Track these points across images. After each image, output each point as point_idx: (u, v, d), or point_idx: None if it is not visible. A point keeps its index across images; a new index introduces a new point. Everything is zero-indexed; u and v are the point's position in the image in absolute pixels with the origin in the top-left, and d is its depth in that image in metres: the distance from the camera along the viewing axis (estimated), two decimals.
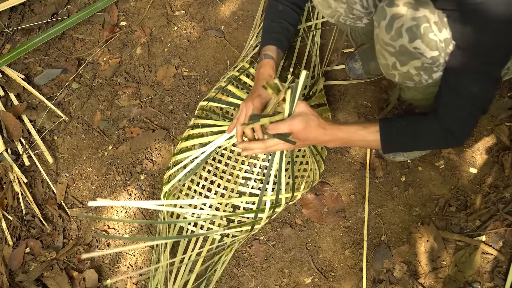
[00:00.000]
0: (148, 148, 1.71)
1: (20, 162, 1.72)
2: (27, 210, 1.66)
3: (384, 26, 1.07)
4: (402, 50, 1.08)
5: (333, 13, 1.25)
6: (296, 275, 1.47)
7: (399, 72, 1.15)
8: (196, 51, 1.84)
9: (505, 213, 1.42)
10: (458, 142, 1.12)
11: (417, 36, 1.04)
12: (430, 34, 1.03)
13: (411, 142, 1.15)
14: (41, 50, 1.93)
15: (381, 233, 1.49)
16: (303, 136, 1.09)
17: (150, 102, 1.78)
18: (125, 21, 1.95)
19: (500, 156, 1.50)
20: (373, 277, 1.44)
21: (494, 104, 1.56)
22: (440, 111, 1.09)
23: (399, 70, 1.14)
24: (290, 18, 1.32)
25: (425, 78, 1.13)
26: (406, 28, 1.04)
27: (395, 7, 1.04)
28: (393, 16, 1.05)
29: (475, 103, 1.05)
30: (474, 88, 1.04)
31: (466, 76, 1.04)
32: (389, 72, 1.18)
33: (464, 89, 1.05)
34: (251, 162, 1.61)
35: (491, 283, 1.37)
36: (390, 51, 1.10)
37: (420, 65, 1.10)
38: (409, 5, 1.03)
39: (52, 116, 1.80)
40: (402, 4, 1.04)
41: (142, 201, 1.09)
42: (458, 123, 1.08)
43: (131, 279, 1.55)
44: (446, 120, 1.08)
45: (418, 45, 1.05)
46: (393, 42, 1.07)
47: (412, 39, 1.04)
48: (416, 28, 1.03)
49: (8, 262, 1.58)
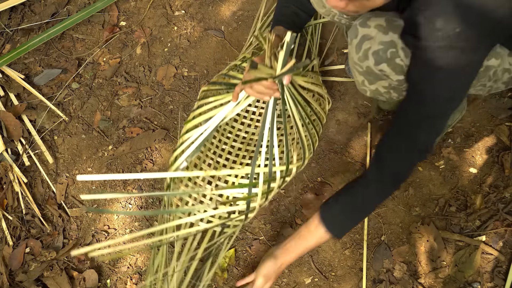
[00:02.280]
0: (148, 148, 1.71)
1: (20, 162, 1.73)
2: (27, 210, 1.66)
3: (354, 45, 1.09)
4: (368, 71, 1.10)
5: (328, 12, 1.26)
6: (296, 275, 1.47)
7: (370, 89, 1.17)
8: (196, 51, 1.84)
9: (505, 213, 1.42)
10: (393, 187, 1.12)
11: (383, 60, 1.05)
12: (397, 59, 1.04)
13: (358, 212, 1.16)
14: (41, 50, 1.93)
15: (381, 233, 1.49)
16: (268, 279, 1.27)
17: (150, 102, 1.78)
18: (125, 21, 1.95)
19: (500, 156, 1.50)
20: (373, 277, 1.44)
21: (494, 104, 1.56)
22: (378, 152, 1.10)
23: (369, 87, 1.16)
24: (302, 5, 1.31)
25: (395, 96, 1.14)
26: (373, 51, 1.05)
27: (366, 27, 1.06)
28: (364, 36, 1.06)
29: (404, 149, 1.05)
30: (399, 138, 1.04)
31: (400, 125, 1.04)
32: (360, 88, 1.21)
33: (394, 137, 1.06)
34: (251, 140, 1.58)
35: (491, 283, 1.37)
36: (359, 70, 1.13)
37: (387, 85, 1.12)
38: (380, 27, 1.04)
39: (52, 116, 1.80)
40: (374, 26, 1.05)
41: (144, 173, 1.05)
42: (395, 165, 1.07)
43: (131, 279, 1.55)
44: (372, 171, 1.10)
45: (384, 68, 1.06)
46: (361, 62, 1.10)
47: (377, 62, 1.06)
48: (382, 52, 1.04)
49: (8, 262, 1.58)
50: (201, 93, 1.44)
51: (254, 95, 1.13)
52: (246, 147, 1.59)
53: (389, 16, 1.06)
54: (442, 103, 0.98)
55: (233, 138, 1.59)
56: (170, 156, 1.24)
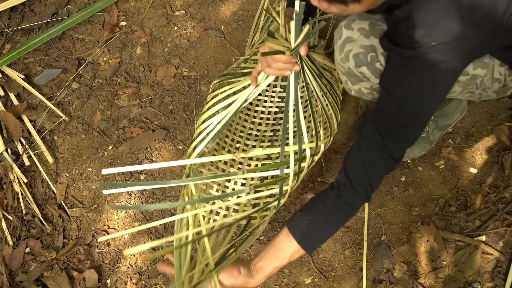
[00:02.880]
0: (148, 148, 1.71)
1: (20, 162, 1.73)
2: (27, 210, 1.66)
3: (338, 45, 1.10)
4: (350, 72, 1.11)
5: None
6: (296, 275, 1.47)
7: (353, 88, 1.18)
8: (196, 51, 1.84)
9: (505, 213, 1.42)
10: (363, 196, 1.05)
11: (363, 63, 1.06)
12: (376, 63, 1.05)
13: (326, 216, 1.06)
14: (41, 50, 1.93)
15: (381, 233, 1.49)
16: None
17: (150, 102, 1.78)
18: (125, 21, 1.95)
19: (500, 156, 1.50)
20: (373, 277, 1.44)
21: (494, 104, 1.56)
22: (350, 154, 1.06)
23: (352, 87, 1.17)
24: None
25: (377, 96, 1.14)
26: (354, 54, 1.06)
27: (350, 30, 1.07)
28: (347, 38, 1.07)
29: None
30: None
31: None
32: (345, 86, 1.21)
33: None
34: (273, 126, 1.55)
35: (491, 283, 1.37)
36: (341, 70, 1.14)
37: (369, 87, 1.13)
38: (363, 31, 1.05)
39: (52, 116, 1.80)
40: (357, 29, 1.06)
41: (166, 162, 1.02)
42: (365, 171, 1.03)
43: (131, 279, 1.55)
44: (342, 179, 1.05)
45: (364, 71, 1.07)
46: (342, 63, 1.11)
47: (358, 65, 1.07)
48: (363, 55, 1.05)
49: (8, 262, 1.58)
50: (212, 86, 1.41)
51: (274, 73, 1.10)
52: (263, 132, 1.56)
53: (374, 20, 1.07)
54: (411, 111, 0.97)
55: (249, 125, 1.56)
56: (188, 147, 1.11)
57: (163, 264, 1.10)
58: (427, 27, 0.87)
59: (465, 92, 1.16)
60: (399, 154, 1.03)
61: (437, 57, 0.88)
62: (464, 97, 1.20)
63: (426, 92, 0.95)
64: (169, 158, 1.68)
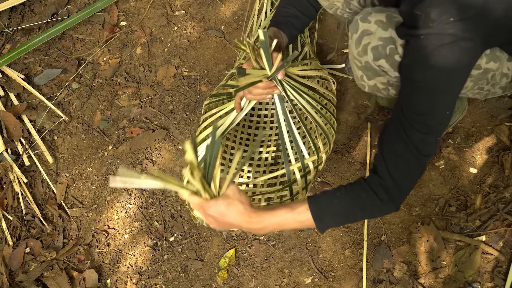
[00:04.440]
0: (148, 148, 1.71)
1: (20, 162, 1.73)
2: (27, 210, 1.66)
3: (354, 39, 1.08)
4: (367, 66, 1.09)
5: (331, 6, 1.26)
6: (296, 275, 1.47)
7: (368, 84, 1.17)
8: (196, 51, 1.84)
9: (505, 213, 1.42)
10: (392, 202, 1.01)
11: (382, 55, 1.04)
12: (395, 55, 1.04)
13: (347, 209, 1.01)
14: (41, 50, 1.93)
15: (381, 233, 1.49)
16: (222, 220, 0.96)
17: (150, 102, 1.78)
18: (125, 21, 1.95)
19: (500, 156, 1.50)
20: (373, 277, 1.44)
21: (494, 104, 1.56)
22: (378, 154, 1.02)
23: (367, 82, 1.16)
24: (302, 7, 1.29)
25: (393, 93, 1.13)
26: (372, 46, 1.04)
27: (366, 23, 1.05)
28: (364, 31, 1.06)
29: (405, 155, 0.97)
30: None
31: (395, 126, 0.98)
32: (359, 83, 1.19)
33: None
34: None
35: (491, 283, 1.37)
36: (358, 65, 1.12)
37: (386, 81, 1.12)
38: (380, 23, 1.04)
39: (52, 116, 1.80)
40: (374, 21, 1.04)
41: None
42: (391, 171, 0.98)
43: (131, 279, 1.55)
44: (373, 178, 1.00)
45: (383, 64, 1.06)
46: (360, 57, 1.09)
47: (376, 58, 1.05)
48: (381, 48, 1.03)
49: (8, 262, 1.58)
50: (204, 107, 1.44)
51: (255, 98, 1.13)
52: (268, 137, 1.57)
53: (390, 12, 1.06)
54: (435, 96, 0.93)
55: (253, 132, 1.59)
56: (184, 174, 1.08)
57: None
58: (443, 5, 0.87)
59: (475, 88, 1.14)
60: (426, 147, 0.96)
61: (455, 33, 0.87)
62: (471, 95, 1.18)
63: (445, 75, 0.92)
64: (169, 158, 1.68)
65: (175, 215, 1.60)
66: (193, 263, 1.54)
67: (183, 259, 1.55)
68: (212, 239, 1.56)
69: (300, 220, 1.00)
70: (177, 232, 1.58)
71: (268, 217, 0.99)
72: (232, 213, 0.95)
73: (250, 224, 0.97)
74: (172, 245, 1.57)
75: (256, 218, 0.97)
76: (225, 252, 1.53)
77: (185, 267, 1.54)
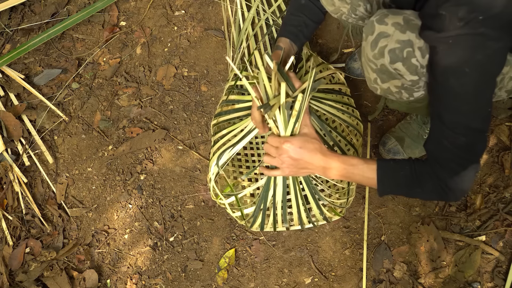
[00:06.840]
0: (148, 148, 1.71)
1: (20, 162, 1.73)
2: (27, 210, 1.66)
3: (370, 41, 1.07)
4: (383, 69, 1.08)
5: (336, 11, 1.25)
6: (296, 275, 1.47)
7: (381, 87, 1.16)
8: (196, 51, 1.84)
9: (505, 213, 1.42)
10: (453, 195, 1.04)
11: (399, 58, 1.03)
12: (412, 59, 1.03)
13: (409, 185, 1.07)
14: (41, 50, 1.93)
15: (381, 233, 1.49)
16: (297, 155, 1.05)
17: (150, 102, 1.78)
18: (125, 21, 1.95)
19: (500, 156, 1.50)
20: (373, 277, 1.44)
21: (494, 104, 1.56)
22: (429, 157, 1.05)
23: (380, 85, 1.15)
24: (311, 13, 1.30)
25: (406, 96, 1.13)
26: (389, 49, 1.03)
27: (383, 25, 1.04)
28: (380, 34, 1.04)
29: (458, 153, 0.99)
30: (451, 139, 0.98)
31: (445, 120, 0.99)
32: (371, 85, 1.19)
33: (445, 137, 1.00)
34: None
35: (491, 283, 1.37)
36: (372, 67, 1.11)
37: (400, 85, 1.11)
38: (398, 26, 1.02)
39: (52, 116, 1.80)
40: (391, 23, 1.03)
41: None
42: (447, 171, 1.01)
43: (131, 279, 1.55)
44: (436, 167, 1.03)
45: (399, 67, 1.05)
46: (375, 60, 1.07)
47: (393, 60, 1.04)
48: (399, 51, 1.02)
49: (8, 262, 1.58)
50: (212, 128, 1.41)
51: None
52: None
53: (407, 15, 1.04)
54: (474, 94, 0.94)
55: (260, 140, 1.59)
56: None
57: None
58: (471, 2, 0.85)
59: None
60: (479, 147, 0.99)
61: (487, 32, 0.86)
62: None
63: (480, 71, 0.92)
64: (169, 158, 1.68)
65: (175, 215, 1.60)
66: (193, 263, 1.54)
67: (183, 259, 1.55)
68: (212, 239, 1.56)
69: (366, 176, 1.07)
70: (177, 232, 1.58)
71: (343, 158, 1.08)
72: (309, 149, 1.04)
73: (321, 161, 1.06)
74: (172, 245, 1.57)
75: (329, 158, 1.06)
76: (225, 252, 1.53)
77: (185, 267, 1.54)
